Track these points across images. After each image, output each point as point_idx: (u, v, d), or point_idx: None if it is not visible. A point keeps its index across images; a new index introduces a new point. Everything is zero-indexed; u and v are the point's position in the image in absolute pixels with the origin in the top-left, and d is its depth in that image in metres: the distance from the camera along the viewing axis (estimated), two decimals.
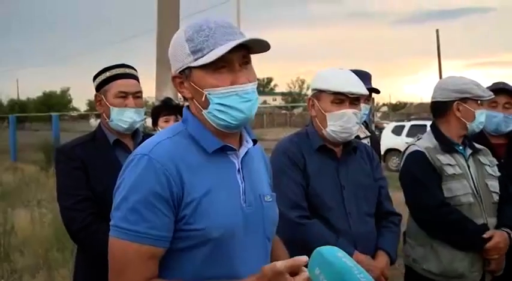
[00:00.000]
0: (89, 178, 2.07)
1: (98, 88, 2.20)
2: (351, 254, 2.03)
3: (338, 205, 2.14)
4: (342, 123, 2.11)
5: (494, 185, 2.43)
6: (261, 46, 1.30)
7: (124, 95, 2.16)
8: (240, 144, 1.39)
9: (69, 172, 2.11)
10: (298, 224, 2.08)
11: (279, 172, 2.15)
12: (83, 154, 2.12)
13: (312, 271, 1.07)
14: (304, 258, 1.11)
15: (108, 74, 2.17)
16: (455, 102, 2.40)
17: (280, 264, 1.10)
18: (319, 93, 2.17)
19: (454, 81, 2.45)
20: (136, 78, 2.24)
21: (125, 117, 2.15)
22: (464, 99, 2.38)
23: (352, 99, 2.13)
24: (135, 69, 2.26)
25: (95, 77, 2.22)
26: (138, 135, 2.25)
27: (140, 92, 2.23)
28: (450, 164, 2.36)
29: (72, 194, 2.07)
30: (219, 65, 1.26)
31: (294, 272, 1.11)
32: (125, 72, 2.19)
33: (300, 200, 2.12)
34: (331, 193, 2.15)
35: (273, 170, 2.16)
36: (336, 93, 2.11)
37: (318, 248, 1.09)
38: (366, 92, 2.17)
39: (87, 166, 2.10)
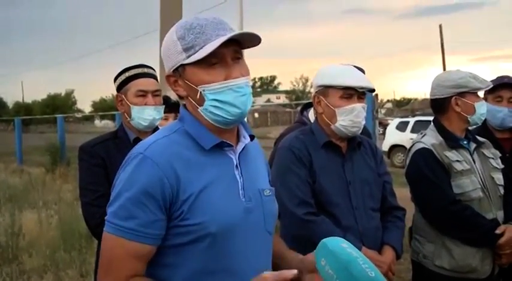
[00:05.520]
0: (109, 175, 2.13)
1: (119, 88, 2.27)
2: (359, 250, 2.06)
3: (344, 201, 2.15)
4: (352, 118, 2.13)
5: (499, 178, 2.42)
6: (252, 40, 1.31)
7: (143, 94, 2.23)
8: (238, 140, 1.40)
9: (89, 169, 2.19)
10: (306, 221, 2.09)
11: (284, 168, 2.17)
12: (103, 151, 2.20)
13: (318, 262, 1.09)
14: (293, 271, 1.14)
15: (127, 74, 2.25)
16: (453, 98, 2.38)
17: (269, 275, 1.15)
18: (325, 89, 2.17)
19: (449, 76, 2.43)
20: (154, 77, 2.30)
21: (145, 115, 2.22)
22: (462, 94, 2.37)
23: (360, 94, 2.14)
24: (153, 69, 2.33)
25: (115, 78, 2.29)
26: None
27: (159, 90, 2.29)
28: (458, 161, 2.34)
29: (92, 189, 2.14)
30: (212, 61, 1.27)
31: None
32: (143, 72, 2.26)
33: (307, 196, 2.13)
34: (337, 189, 2.16)
35: (279, 167, 2.19)
36: (345, 88, 2.11)
37: (323, 240, 1.11)
38: (372, 85, 2.17)
39: (107, 163, 2.17)
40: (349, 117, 2.13)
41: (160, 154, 1.26)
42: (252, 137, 1.43)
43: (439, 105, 2.45)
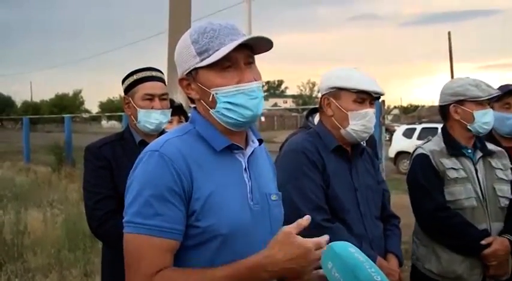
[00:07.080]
0: (114, 177, 2.14)
1: (126, 91, 2.27)
2: (373, 258, 1.95)
3: (354, 208, 2.10)
4: (364, 123, 2.07)
5: (503, 189, 2.39)
6: (264, 46, 1.33)
7: (150, 97, 2.23)
8: (246, 144, 1.42)
9: (94, 171, 2.20)
10: (323, 227, 1.98)
11: (298, 172, 2.07)
12: (109, 153, 2.20)
13: (324, 265, 1.09)
14: (308, 217, 1.24)
15: (135, 77, 2.25)
16: (452, 106, 2.40)
17: (291, 229, 1.22)
18: (337, 91, 2.09)
19: (450, 84, 2.46)
20: (162, 80, 2.30)
21: (151, 118, 2.21)
22: (461, 102, 2.37)
23: (371, 99, 2.10)
24: (161, 72, 2.33)
25: (123, 81, 2.30)
26: None
27: (166, 94, 2.29)
28: (454, 168, 2.34)
29: (94, 192, 2.16)
30: (225, 64, 1.29)
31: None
32: (151, 75, 2.26)
33: (322, 202, 2.06)
34: (347, 195, 2.10)
35: (291, 171, 2.10)
36: (360, 92, 2.06)
37: (330, 243, 1.11)
38: (384, 91, 2.14)
39: (112, 164, 2.17)
40: (362, 122, 2.07)
41: (176, 152, 1.28)
42: (260, 142, 1.45)
43: (442, 113, 2.48)
